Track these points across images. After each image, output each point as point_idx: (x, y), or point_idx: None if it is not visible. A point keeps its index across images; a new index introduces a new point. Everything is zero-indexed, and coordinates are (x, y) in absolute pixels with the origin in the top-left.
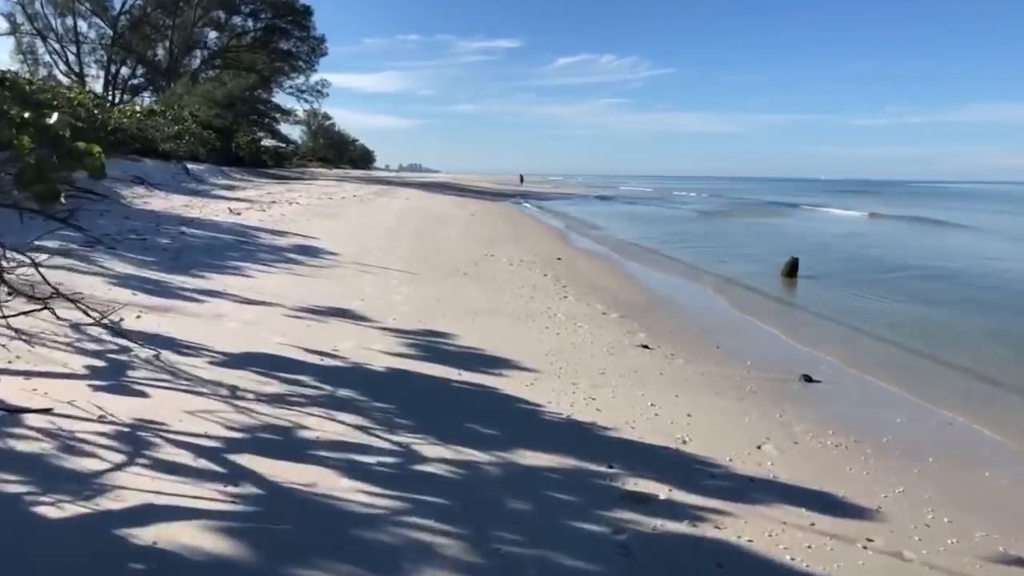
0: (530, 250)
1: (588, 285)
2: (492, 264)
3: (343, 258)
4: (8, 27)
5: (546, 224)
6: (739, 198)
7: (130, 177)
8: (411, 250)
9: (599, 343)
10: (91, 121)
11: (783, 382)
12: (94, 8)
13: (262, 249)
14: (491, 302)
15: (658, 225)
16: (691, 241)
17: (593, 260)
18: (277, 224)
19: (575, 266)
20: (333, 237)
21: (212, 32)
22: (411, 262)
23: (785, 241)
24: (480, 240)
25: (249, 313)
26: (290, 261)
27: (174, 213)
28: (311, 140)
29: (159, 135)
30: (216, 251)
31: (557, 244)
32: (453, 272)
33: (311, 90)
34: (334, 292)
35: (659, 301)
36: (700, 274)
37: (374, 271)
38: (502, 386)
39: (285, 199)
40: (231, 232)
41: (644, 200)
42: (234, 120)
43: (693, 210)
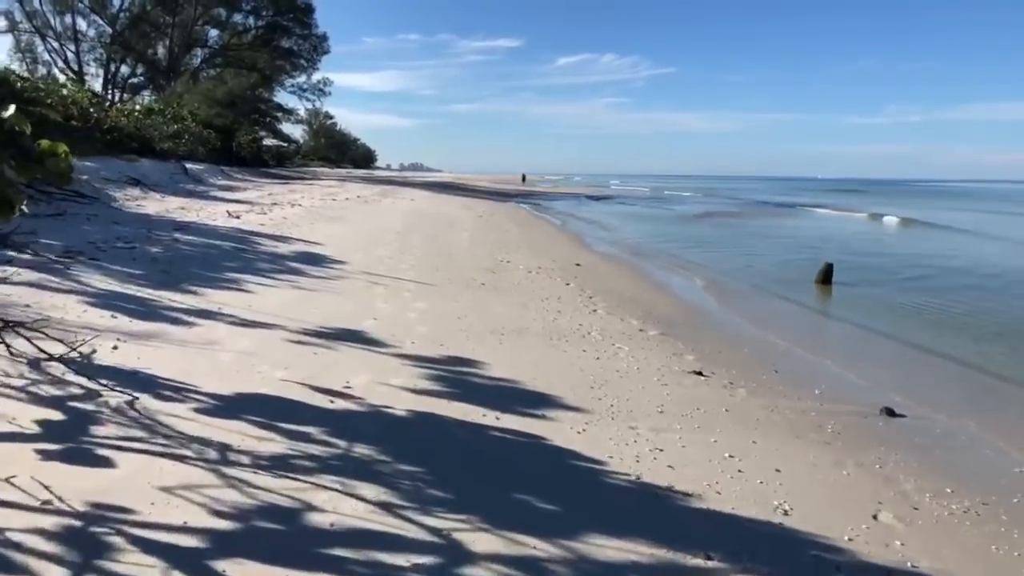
0: (546, 255)
1: (616, 296)
2: (509, 272)
3: (351, 267)
4: (6, 25)
5: (557, 226)
6: (744, 198)
7: (125, 178)
8: (422, 257)
9: (647, 370)
10: (86, 120)
11: (864, 417)
12: (93, 5)
13: (262, 258)
14: (516, 318)
15: (669, 226)
16: (708, 244)
17: (614, 266)
18: (278, 228)
19: (597, 273)
20: (339, 243)
21: (213, 30)
22: (423, 271)
23: (802, 243)
24: (493, 245)
25: (247, 339)
26: (293, 272)
27: (169, 217)
28: (313, 139)
29: (157, 134)
30: (212, 261)
31: (573, 248)
32: (470, 282)
33: (313, 89)
34: (343, 309)
35: (695, 314)
36: (729, 281)
37: (385, 282)
38: (549, 434)
39: (287, 201)
40: (229, 238)
41: (649, 201)
42: (235, 119)
43: (703, 211)
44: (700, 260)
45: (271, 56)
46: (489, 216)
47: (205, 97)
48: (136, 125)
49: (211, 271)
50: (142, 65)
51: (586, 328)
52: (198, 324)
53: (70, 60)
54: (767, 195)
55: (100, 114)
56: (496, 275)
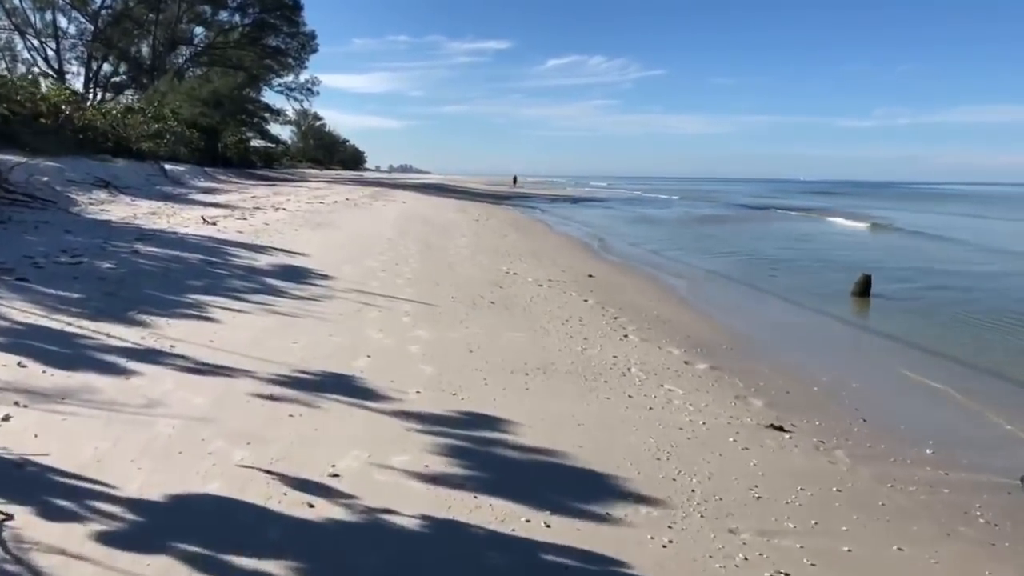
0: (554, 265)
1: (643, 315)
2: (518, 286)
3: (339, 283)
4: None
5: (559, 231)
6: (738, 201)
7: (93, 180)
8: (419, 269)
9: (715, 425)
10: (56, 117)
11: (1008, 493)
12: (74, 2)
13: (236, 273)
14: (539, 349)
15: (675, 231)
16: (720, 250)
17: (629, 276)
18: (259, 236)
19: (613, 286)
20: (325, 253)
21: (198, 28)
22: (422, 286)
23: (812, 249)
24: (495, 252)
25: (200, 395)
26: (271, 291)
27: (134, 224)
28: (301, 140)
29: (133, 133)
30: (174, 279)
31: (581, 256)
32: (476, 300)
33: (301, 88)
34: (329, 343)
35: (737, 337)
36: (758, 294)
37: (379, 303)
38: (624, 551)
39: (271, 204)
40: (200, 249)
41: (646, 203)
42: (221, 119)
43: (703, 214)
44: (718, 269)
45: (258, 55)
46: (485, 220)
47: (189, 96)
48: (112, 124)
49: (170, 292)
50: (125, 64)
51: (623, 361)
52: (138, 372)
53: (51, 58)
54: (762, 198)
55: (72, 111)
56: (504, 290)
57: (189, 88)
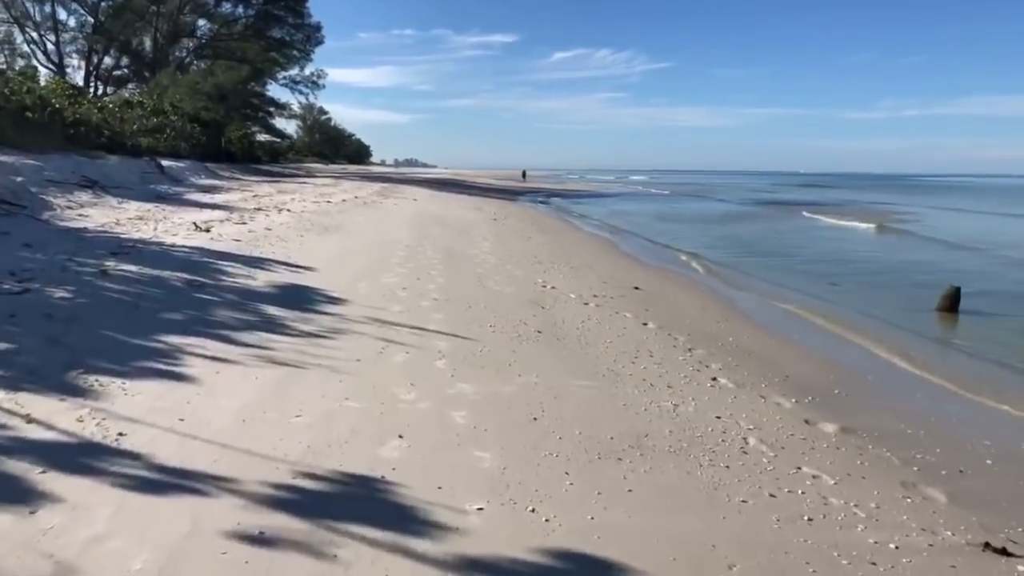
0: (592, 273)
1: (720, 344)
2: (562, 304)
3: (353, 309)
4: None
5: (585, 231)
6: (753, 196)
7: (78, 178)
8: (446, 284)
9: (911, 548)
10: (40, 110)
11: None
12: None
13: (226, 299)
14: (619, 411)
15: (703, 228)
16: (757, 251)
17: (680, 287)
18: (258, 245)
19: (668, 301)
20: (336, 265)
21: (201, 20)
22: (453, 309)
23: (857, 252)
24: (523, 259)
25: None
26: (268, 325)
27: (113, 232)
28: (307, 135)
29: (128, 128)
30: (145, 312)
31: (618, 262)
32: (520, 328)
33: (306, 81)
34: (344, 416)
35: (846, 375)
36: (832, 310)
37: (405, 338)
38: None
39: (274, 204)
40: (186, 265)
41: (662, 198)
42: (225, 114)
43: (727, 210)
44: (769, 277)
45: (262, 47)
46: (504, 219)
47: (191, 89)
48: (107, 118)
49: (137, 334)
50: (126, 57)
51: (732, 426)
52: (53, 498)
53: (50, 52)
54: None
55: (64, 105)
56: (548, 312)
57: (191, 81)
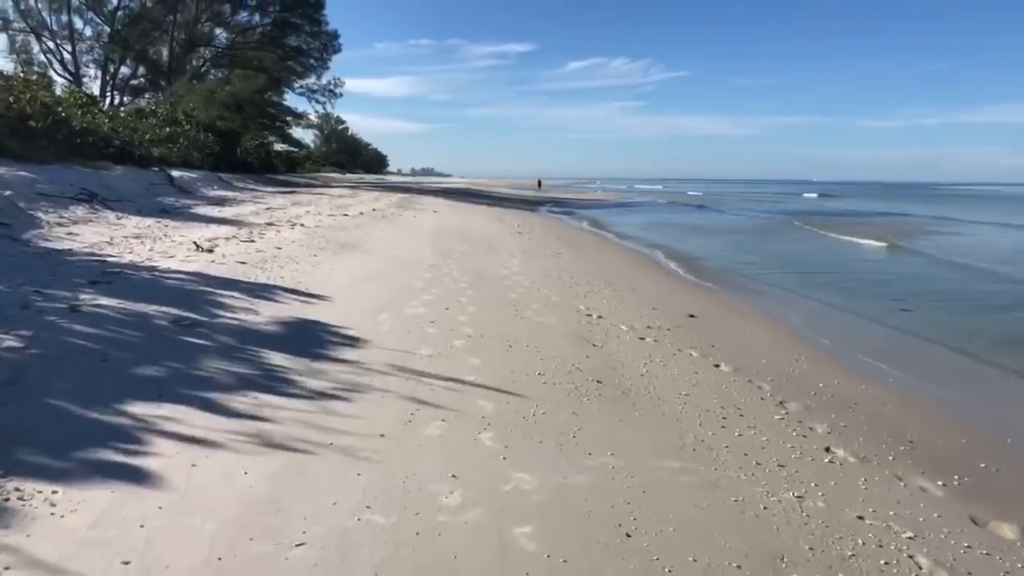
0: (638, 297)
1: (811, 393)
2: (614, 340)
3: (373, 354)
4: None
5: (615, 245)
6: (780, 206)
7: (76, 191)
8: (479, 315)
9: None
10: (43, 118)
11: None
12: (90, 3)
13: (218, 344)
14: (732, 516)
15: (737, 241)
16: (805, 269)
17: (742, 316)
18: (266, 268)
19: (734, 333)
20: (353, 292)
21: (217, 29)
22: (491, 350)
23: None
24: (558, 280)
25: None
26: (268, 383)
27: (101, 254)
28: (324, 144)
29: (138, 137)
30: (113, 367)
31: (662, 282)
32: (575, 378)
33: (323, 90)
34: (358, 538)
35: (991, 442)
36: (918, 344)
37: (439, 396)
38: None
39: (287, 218)
40: (177, 297)
41: (687, 208)
42: (242, 123)
43: (758, 222)
44: (830, 299)
45: (279, 56)
46: (528, 232)
47: (206, 98)
48: (115, 127)
49: (94, 401)
50: (143, 66)
51: (886, 537)
52: None
53: (67, 61)
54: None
55: (71, 113)
56: (601, 351)
57: (206, 90)
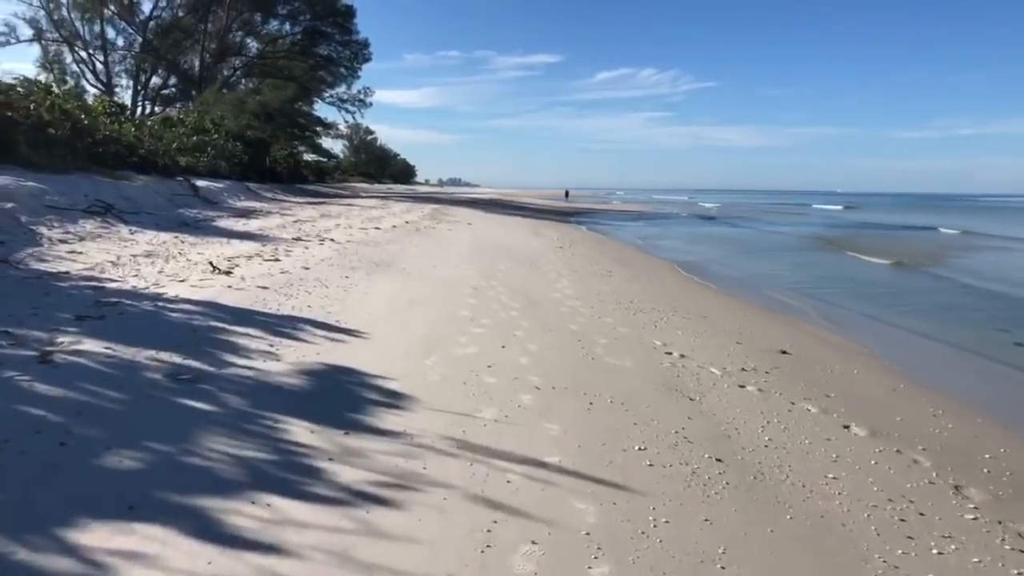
0: (714, 327)
1: (985, 471)
2: (709, 387)
3: (422, 422)
4: (32, 33)
5: (664, 262)
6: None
7: (90, 203)
8: (542, 355)
9: None
10: (63, 126)
11: None
12: (121, 13)
13: (223, 409)
14: None
15: (786, 260)
16: (876, 292)
17: (841, 353)
18: (291, 294)
19: (846, 379)
20: (391, 327)
21: (248, 38)
22: (569, 412)
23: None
24: (617, 305)
25: None
26: (283, 480)
27: (101, 278)
28: (353, 154)
29: (164, 146)
30: (72, 455)
31: (734, 308)
32: (682, 449)
33: (353, 99)
34: None
35: None
36: None
37: (517, 496)
38: None
39: (316, 232)
40: (179, 336)
41: (726, 221)
42: (272, 133)
43: (811, 234)
44: (920, 327)
45: (310, 65)
46: (570, 247)
47: (235, 107)
48: (138, 136)
49: (31, 521)
50: (174, 76)
51: None
52: None
53: (99, 71)
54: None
55: (96, 121)
56: (700, 407)
57: (235, 99)
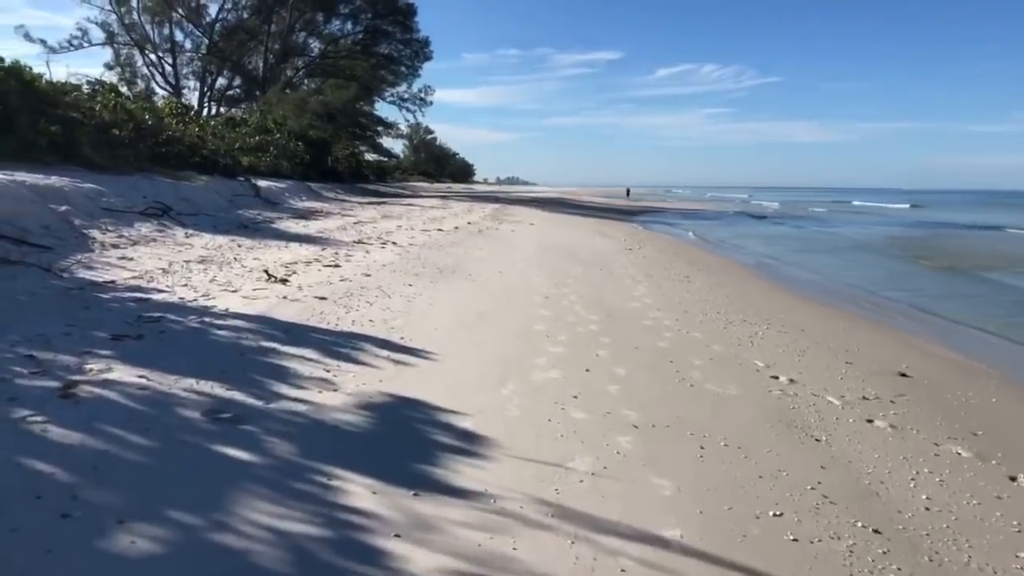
0: (815, 342)
1: None
2: (831, 421)
3: (506, 475)
4: (105, 37)
5: (743, 265)
6: (905, 219)
7: (148, 205)
8: (632, 380)
9: None
10: (125, 126)
11: None
12: (189, 15)
13: (269, 457)
14: None
15: (873, 261)
16: (1002, 305)
17: (973, 377)
18: (350, 306)
19: (982, 409)
20: (459, 344)
21: (310, 38)
22: (678, 461)
23: None
24: (702, 315)
25: None
26: (342, 564)
27: (147, 288)
28: (412, 154)
29: (224, 146)
30: (84, 518)
31: (834, 319)
32: (825, 511)
33: (414, 98)
34: None
35: None
36: None
37: None
38: None
39: (377, 235)
40: (226, 361)
41: (785, 219)
42: (333, 132)
43: (888, 234)
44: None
45: (371, 64)
46: (639, 248)
47: (297, 107)
48: (200, 136)
49: None
50: (239, 77)
51: None
52: None
53: (168, 74)
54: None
55: (156, 122)
56: (832, 451)
57: (298, 99)
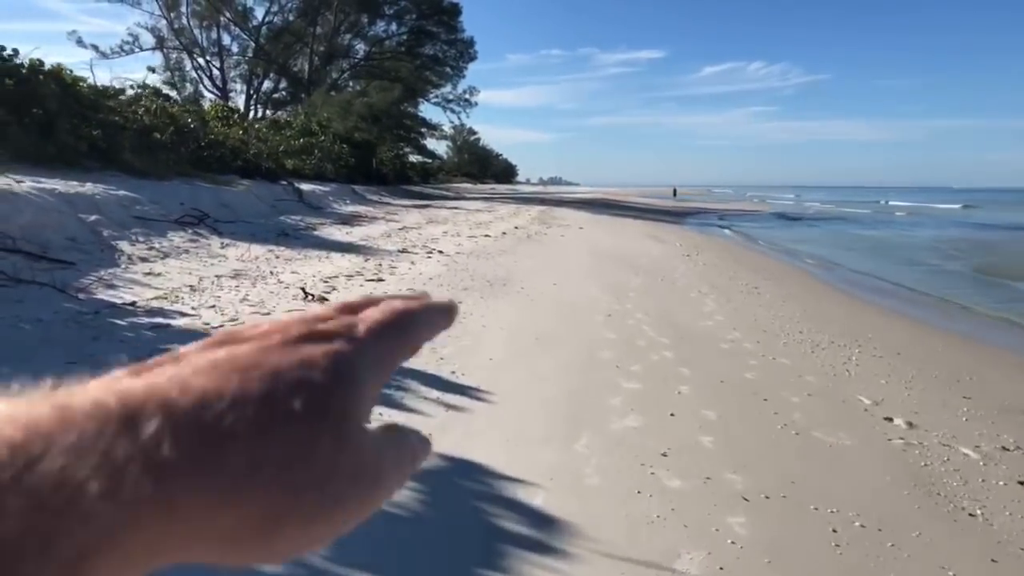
0: (919, 369)
1: None
2: (976, 485)
3: None
4: (155, 42)
5: (806, 270)
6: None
7: (185, 212)
8: (727, 429)
9: None
10: (165, 131)
11: None
12: (236, 19)
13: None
14: None
15: (953, 268)
16: None
17: None
18: None
19: None
20: (518, 379)
21: (355, 40)
22: (809, 554)
23: None
24: (788, 337)
25: None
26: None
27: (168, 311)
28: (456, 155)
29: (267, 149)
30: None
31: (932, 341)
32: None
33: (458, 99)
34: None
35: None
36: None
37: None
38: None
39: (422, 242)
40: None
41: (854, 221)
42: (378, 134)
43: (957, 236)
44: None
45: (415, 66)
46: (696, 254)
47: (342, 109)
48: (243, 140)
49: None
50: (285, 79)
51: None
52: None
53: (215, 77)
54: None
55: (198, 126)
56: (990, 532)
57: (343, 101)
